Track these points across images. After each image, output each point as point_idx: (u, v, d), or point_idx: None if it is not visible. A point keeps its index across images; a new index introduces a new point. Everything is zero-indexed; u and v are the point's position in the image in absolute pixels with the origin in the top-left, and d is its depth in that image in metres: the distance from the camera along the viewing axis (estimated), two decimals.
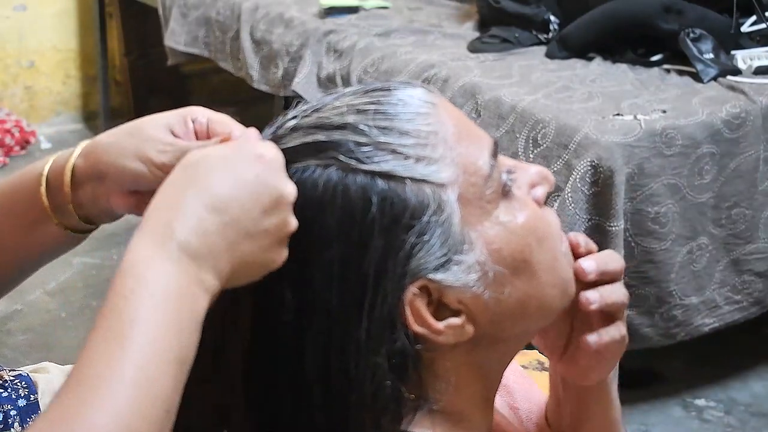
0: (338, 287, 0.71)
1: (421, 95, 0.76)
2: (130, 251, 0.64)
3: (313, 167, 0.72)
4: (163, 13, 3.22)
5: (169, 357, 0.61)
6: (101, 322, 0.62)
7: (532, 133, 1.99)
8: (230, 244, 0.66)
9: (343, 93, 0.77)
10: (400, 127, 0.73)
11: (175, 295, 0.63)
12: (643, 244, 1.96)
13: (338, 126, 0.73)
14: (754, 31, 2.38)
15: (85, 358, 0.61)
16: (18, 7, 3.91)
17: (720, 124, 2.02)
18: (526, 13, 2.46)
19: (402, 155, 0.72)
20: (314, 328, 0.72)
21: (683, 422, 2.30)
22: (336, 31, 2.59)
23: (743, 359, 2.51)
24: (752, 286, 2.14)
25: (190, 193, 0.65)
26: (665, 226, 1.98)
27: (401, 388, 0.73)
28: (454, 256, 0.72)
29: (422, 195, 0.72)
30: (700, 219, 2.03)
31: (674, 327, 2.07)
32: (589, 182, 1.89)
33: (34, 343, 2.59)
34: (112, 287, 0.63)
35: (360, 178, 0.71)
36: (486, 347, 0.77)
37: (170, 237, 0.64)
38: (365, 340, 0.71)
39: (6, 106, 3.94)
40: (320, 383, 0.72)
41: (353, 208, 0.71)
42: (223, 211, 0.65)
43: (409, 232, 0.71)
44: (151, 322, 0.61)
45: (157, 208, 0.66)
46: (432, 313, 0.73)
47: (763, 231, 2.12)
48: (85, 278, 2.94)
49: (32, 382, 1.14)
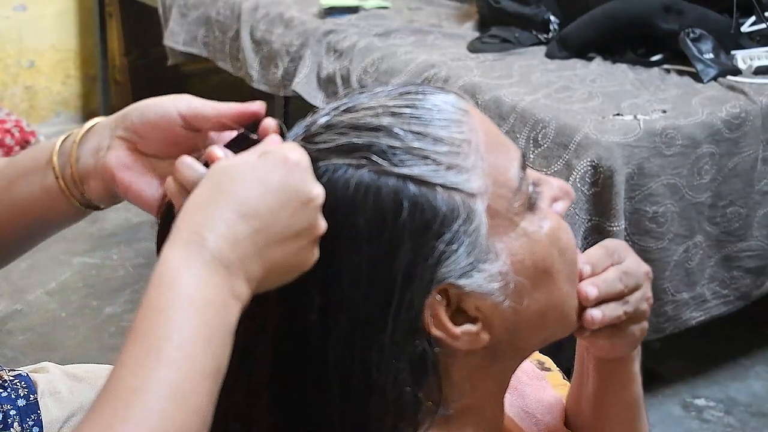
0: (365, 289, 0.71)
1: (455, 101, 0.76)
2: (164, 262, 0.64)
3: (344, 167, 0.71)
4: (163, 13, 3.22)
5: (204, 371, 0.61)
6: (135, 335, 0.62)
7: (533, 133, 1.99)
8: (261, 250, 0.66)
9: (376, 92, 0.77)
10: (435, 134, 0.73)
11: (209, 308, 0.63)
12: (640, 243, 1.97)
13: (373, 128, 0.73)
14: (754, 31, 2.39)
15: (120, 371, 0.61)
16: (18, 7, 3.91)
17: (720, 124, 2.02)
18: (526, 13, 2.46)
19: (434, 162, 0.72)
20: (339, 330, 0.71)
21: (683, 422, 2.30)
22: (336, 31, 2.59)
23: (743, 359, 2.51)
24: (740, 281, 2.16)
25: (219, 202, 0.65)
26: (663, 225, 1.98)
27: (420, 394, 0.73)
28: (479, 265, 0.73)
29: (453, 203, 0.72)
30: (698, 218, 2.04)
31: (664, 322, 2.08)
32: (589, 182, 1.89)
33: (34, 343, 2.58)
34: (147, 299, 0.63)
35: (392, 181, 0.71)
36: (502, 355, 0.77)
37: (203, 246, 0.64)
38: (389, 343, 0.71)
39: (6, 106, 3.94)
40: (342, 385, 0.72)
41: (384, 210, 0.70)
42: (253, 218, 0.65)
43: (439, 239, 0.71)
44: (186, 336, 0.61)
45: (187, 218, 0.66)
46: (449, 318, 0.73)
47: (757, 229, 2.13)
48: (85, 278, 2.94)
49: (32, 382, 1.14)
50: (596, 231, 1.90)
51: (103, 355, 2.54)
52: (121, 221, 3.29)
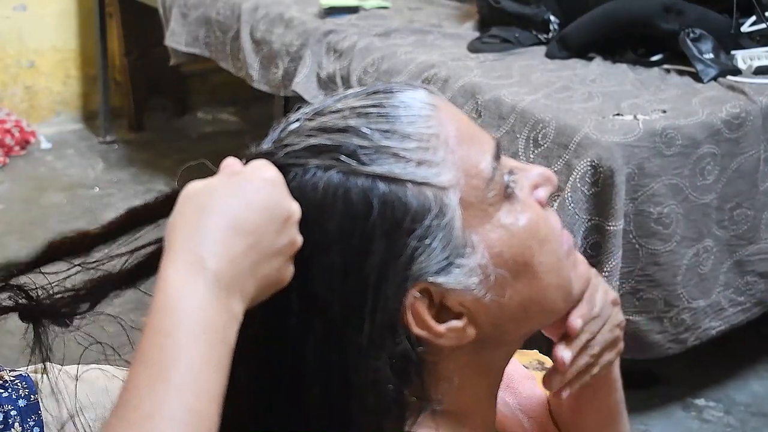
0: (339, 291, 0.71)
1: (423, 97, 0.76)
2: (166, 284, 0.64)
3: (313, 170, 0.71)
4: (164, 13, 3.22)
5: (212, 393, 0.62)
6: (144, 360, 0.62)
7: (533, 133, 1.99)
8: (253, 266, 0.66)
9: (345, 95, 0.77)
10: (402, 131, 0.73)
11: (213, 330, 0.63)
12: (648, 245, 1.96)
13: (340, 129, 0.73)
14: (754, 31, 2.38)
15: (131, 397, 0.61)
16: (18, 7, 3.91)
17: (720, 124, 2.02)
18: (526, 13, 2.46)
19: (403, 159, 0.72)
20: (316, 332, 0.71)
21: (683, 422, 2.30)
22: (336, 31, 2.59)
23: (743, 359, 2.52)
24: (755, 287, 2.15)
25: (209, 221, 0.65)
26: (669, 227, 1.97)
27: (404, 391, 0.73)
28: (456, 260, 0.72)
29: (423, 198, 0.71)
30: (705, 221, 2.03)
31: (684, 332, 2.06)
32: (589, 182, 1.89)
33: None
34: (152, 322, 0.63)
35: (361, 180, 0.71)
36: (489, 348, 0.77)
37: (203, 266, 0.64)
38: (367, 344, 0.71)
39: (6, 106, 3.94)
40: (322, 387, 0.72)
41: (354, 211, 0.70)
42: (244, 235, 0.66)
43: (411, 236, 0.71)
44: (194, 360, 0.62)
45: (180, 238, 0.65)
46: (433, 316, 0.73)
47: (765, 231, 2.13)
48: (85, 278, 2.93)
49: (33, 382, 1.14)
50: (596, 231, 1.90)
51: (103, 355, 2.53)
52: None
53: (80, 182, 3.60)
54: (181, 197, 0.68)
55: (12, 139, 3.78)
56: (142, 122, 4.04)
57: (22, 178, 3.64)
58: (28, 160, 3.79)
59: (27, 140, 3.85)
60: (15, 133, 3.80)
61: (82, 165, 3.76)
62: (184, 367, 0.61)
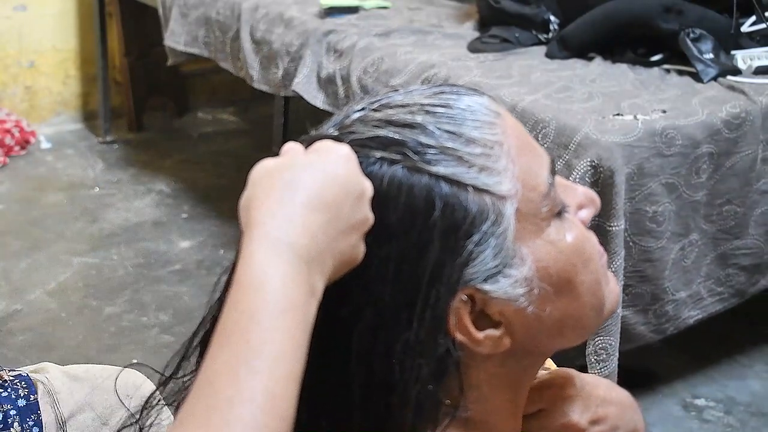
0: (392, 285, 0.71)
1: (488, 104, 0.76)
2: (249, 261, 0.64)
3: (379, 162, 0.72)
4: (163, 13, 3.22)
5: (291, 375, 0.62)
6: (225, 339, 0.62)
7: (533, 133, 1.99)
8: (331, 241, 0.66)
9: (411, 91, 0.77)
10: (468, 134, 0.73)
11: (296, 310, 0.63)
12: (641, 243, 1.97)
13: (408, 124, 0.73)
14: (754, 31, 2.38)
15: (211, 378, 0.61)
16: (18, 7, 3.91)
17: (720, 124, 2.02)
18: (526, 13, 2.46)
19: (467, 163, 0.72)
20: (364, 324, 0.72)
21: (683, 422, 2.31)
22: (336, 31, 2.59)
23: (743, 359, 2.52)
24: (735, 279, 2.17)
25: (287, 197, 0.66)
26: (662, 224, 1.98)
27: (440, 393, 0.73)
28: (505, 269, 0.73)
29: (483, 204, 0.72)
30: (694, 216, 2.04)
31: (665, 322, 2.08)
32: (589, 182, 1.89)
33: (34, 343, 2.59)
34: (234, 301, 0.63)
35: (425, 179, 0.71)
36: (518, 359, 0.77)
37: (285, 242, 0.64)
38: (413, 341, 0.71)
39: (6, 106, 3.94)
40: (364, 380, 0.72)
41: (416, 207, 0.71)
42: (323, 210, 0.66)
43: (468, 240, 0.71)
44: (277, 342, 0.62)
45: (261, 216, 0.65)
46: (472, 322, 0.73)
47: (754, 228, 2.13)
48: (85, 278, 2.94)
49: (32, 382, 1.14)
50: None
51: (102, 355, 2.54)
52: (121, 221, 3.29)
53: (80, 182, 3.60)
54: (253, 175, 0.68)
55: (12, 139, 3.78)
56: (141, 122, 4.04)
57: (22, 178, 3.64)
58: (28, 160, 3.79)
59: (27, 140, 3.85)
60: (15, 133, 3.80)
61: (82, 165, 3.76)
62: (267, 351, 0.61)
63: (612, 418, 0.88)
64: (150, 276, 2.95)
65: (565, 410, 0.86)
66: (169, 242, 3.16)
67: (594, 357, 1.92)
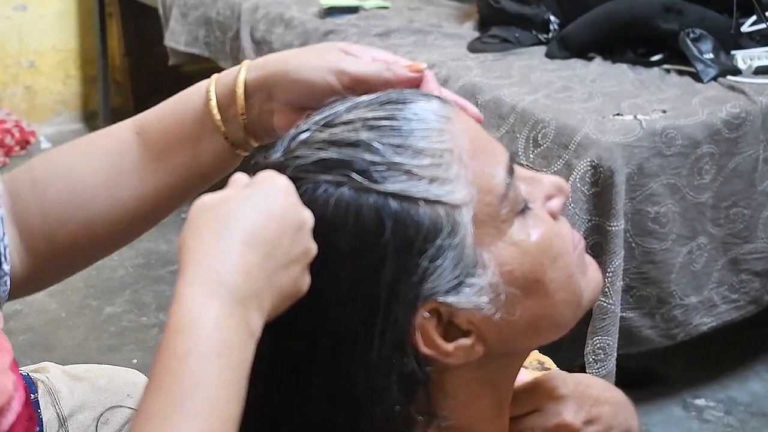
0: (349, 308, 0.70)
1: (436, 108, 0.74)
2: (180, 302, 0.62)
3: (325, 185, 0.70)
4: (164, 13, 3.22)
5: (228, 416, 0.61)
6: (157, 384, 0.61)
7: (533, 133, 1.99)
8: (269, 278, 0.65)
9: (356, 103, 0.75)
10: (414, 146, 0.71)
11: (230, 350, 0.62)
12: (644, 244, 1.96)
13: (351, 143, 0.71)
14: (754, 31, 2.38)
15: (144, 424, 0.60)
16: (18, 7, 3.91)
17: (720, 124, 2.02)
18: (526, 13, 2.46)
19: (416, 176, 0.70)
20: (324, 350, 0.70)
21: (683, 422, 2.30)
22: (336, 31, 2.59)
23: (743, 359, 2.51)
24: (749, 285, 2.15)
25: (224, 234, 0.64)
26: (665, 226, 1.98)
27: (410, 410, 0.72)
28: (466, 279, 0.71)
29: (436, 217, 0.70)
30: (700, 219, 2.03)
31: (674, 327, 2.07)
32: (589, 182, 1.89)
33: (34, 343, 2.59)
34: (166, 344, 0.61)
35: (373, 198, 0.69)
36: (495, 363, 0.76)
37: (217, 282, 0.63)
38: (375, 363, 0.70)
39: (6, 106, 3.94)
40: (329, 406, 0.71)
41: (366, 229, 0.69)
42: (259, 246, 0.65)
43: (423, 256, 0.70)
44: (210, 385, 0.60)
45: (195, 254, 0.64)
46: (441, 334, 0.72)
47: (762, 231, 2.12)
48: (85, 278, 2.93)
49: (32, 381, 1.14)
50: (596, 231, 1.90)
51: (103, 355, 2.54)
52: None
53: None
54: (191, 211, 0.67)
55: (12, 139, 3.78)
56: None
57: None
58: (28, 161, 3.79)
59: (27, 140, 3.85)
60: (15, 133, 3.80)
61: None
62: (200, 394, 0.60)
63: (606, 417, 0.87)
64: (150, 276, 2.95)
65: (559, 410, 0.85)
66: (169, 242, 3.15)
67: (592, 356, 1.91)
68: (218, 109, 0.87)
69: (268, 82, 0.85)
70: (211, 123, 0.88)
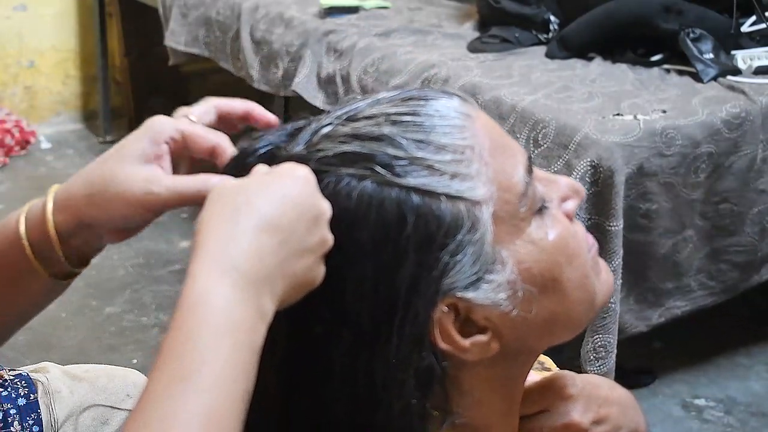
0: (369, 302, 0.70)
1: (457, 106, 0.75)
2: (192, 282, 0.63)
3: (347, 178, 0.70)
4: (164, 13, 3.22)
5: (234, 395, 0.61)
6: (165, 360, 0.61)
7: (533, 133, 1.99)
8: (283, 264, 0.65)
9: (379, 99, 0.75)
10: (437, 141, 0.72)
11: (238, 331, 0.62)
12: (628, 236, 1.96)
13: (374, 137, 0.71)
14: (754, 31, 2.38)
15: (150, 398, 0.60)
16: (18, 7, 3.91)
17: (720, 124, 2.02)
18: (526, 13, 2.46)
19: (438, 171, 0.71)
20: (343, 343, 0.71)
21: (683, 422, 2.30)
22: (336, 31, 2.59)
23: (743, 359, 2.52)
24: (727, 275, 2.16)
25: (240, 218, 0.65)
26: (654, 220, 1.98)
27: (426, 405, 0.72)
28: (485, 275, 0.71)
29: (457, 212, 0.70)
30: (690, 214, 2.04)
31: (647, 308, 2.07)
32: (589, 182, 1.89)
33: (34, 343, 2.58)
34: (175, 321, 0.62)
35: (395, 192, 0.70)
36: (508, 361, 0.76)
37: (231, 264, 0.63)
38: (394, 356, 0.70)
39: (6, 106, 3.94)
40: (348, 399, 0.71)
41: (388, 223, 0.69)
42: (276, 232, 0.65)
43: (443, 251, 0.70)
44: (216, 363, 0.61)
45: (210, 237, 0.65)
46: (458, 330, 0.72)
47: (749, 226, 2.13)
48: (85, 278, 2.91)
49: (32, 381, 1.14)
50: (596, 230, 1.90)
51: (103, 355, 2.54)
52: None
53: None
54: (211, 196, 0.67)
55: (12, 139, 3.78)
56: (142, 122, 4.01)
57: (22, 178, 3.64)
58: (28, 160, 3.79)
59: (27, 140, 3.85)
60: (15, 133, 3.80)
61: (82, 165, 3.69)
62: (206, 371, 0.60)
63: (614, 417, 0.88)
64: (150, 276, 2.95)
65: (567, 410, 0.85)
66: (169, 242, 3.16)
67: (593, 354, 1.92)
68: (35, 250, 0.79)
69: (83, 222, 0.79)
70: (29, 265, 0.80)
